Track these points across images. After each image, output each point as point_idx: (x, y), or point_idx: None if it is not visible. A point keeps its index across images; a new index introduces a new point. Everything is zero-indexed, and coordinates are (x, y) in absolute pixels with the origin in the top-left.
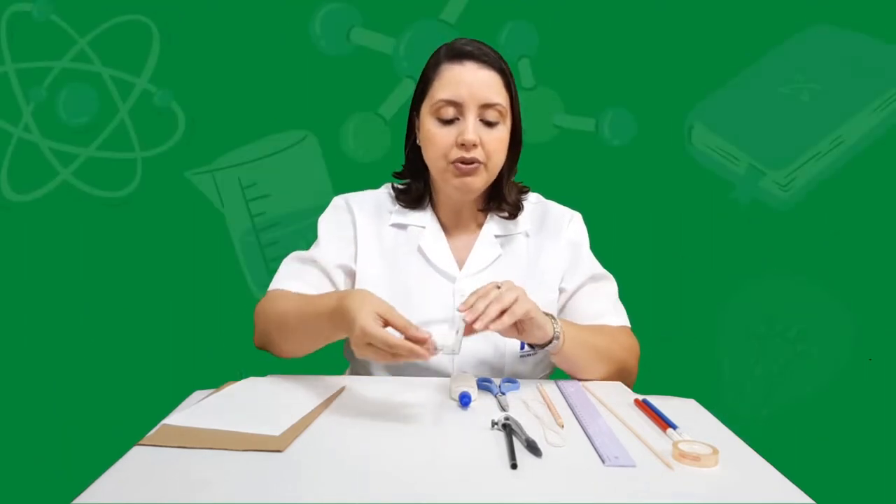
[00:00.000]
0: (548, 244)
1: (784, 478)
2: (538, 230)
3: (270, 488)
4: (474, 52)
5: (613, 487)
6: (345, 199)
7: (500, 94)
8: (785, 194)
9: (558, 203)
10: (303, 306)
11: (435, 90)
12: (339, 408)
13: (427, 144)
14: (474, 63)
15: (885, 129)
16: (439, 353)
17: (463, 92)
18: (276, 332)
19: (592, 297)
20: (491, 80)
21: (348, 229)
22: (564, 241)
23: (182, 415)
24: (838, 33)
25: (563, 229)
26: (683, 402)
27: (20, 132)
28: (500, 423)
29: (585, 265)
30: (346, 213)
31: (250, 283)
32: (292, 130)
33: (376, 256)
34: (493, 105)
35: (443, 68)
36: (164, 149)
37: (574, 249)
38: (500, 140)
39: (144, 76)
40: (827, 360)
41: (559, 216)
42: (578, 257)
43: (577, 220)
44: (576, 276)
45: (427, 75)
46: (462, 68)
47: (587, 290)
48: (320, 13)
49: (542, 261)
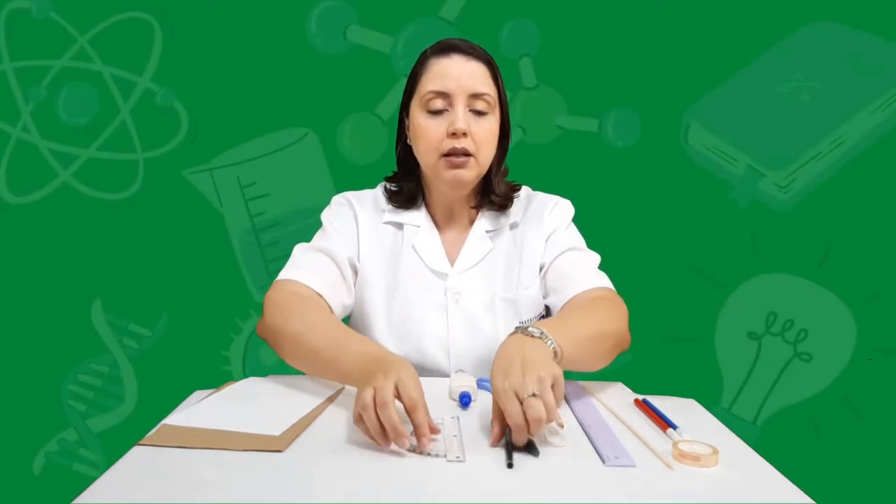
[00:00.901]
0: (531, 230)
1: (784, 478)
2: (523, 219)
3: (270, 488)
4: (460, 45)
5: (613, 487)
6: (344, 196)
7: (488, 84)
8: (784, 196)
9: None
10: (330, 350)
11: (423, 84)
12: (339, 408)
13: (418, 138)
14: (461, 55)
15: (888, 129)
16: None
17: (451, 83)
18: (289, 352)
19: (571, 263)
20: (478, 70)
21: (351, 225)
22: (546, 225)
23: (182, 415)
24: (839, 31)
25: (545, 215)
26: (683, 402)
27: (19, 132)
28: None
29: (563, 238)
30: (348, 209)
31: (250, 284)
32: (292, 128)
33: (375, 254)
34: (481, 95)
35: (430, 62)
36: (166, 149)
37: (554, 224)
38: (489, 131)
39: (146, 75)
40: (827, 361)
41: (543, 203)
42: (557, 229)
43: (561, 205)
44: (555, 245)
45: (415, 72)
46: (449, 60)
47: (566, 256)
48: (316, 11)
49: (526, 247)
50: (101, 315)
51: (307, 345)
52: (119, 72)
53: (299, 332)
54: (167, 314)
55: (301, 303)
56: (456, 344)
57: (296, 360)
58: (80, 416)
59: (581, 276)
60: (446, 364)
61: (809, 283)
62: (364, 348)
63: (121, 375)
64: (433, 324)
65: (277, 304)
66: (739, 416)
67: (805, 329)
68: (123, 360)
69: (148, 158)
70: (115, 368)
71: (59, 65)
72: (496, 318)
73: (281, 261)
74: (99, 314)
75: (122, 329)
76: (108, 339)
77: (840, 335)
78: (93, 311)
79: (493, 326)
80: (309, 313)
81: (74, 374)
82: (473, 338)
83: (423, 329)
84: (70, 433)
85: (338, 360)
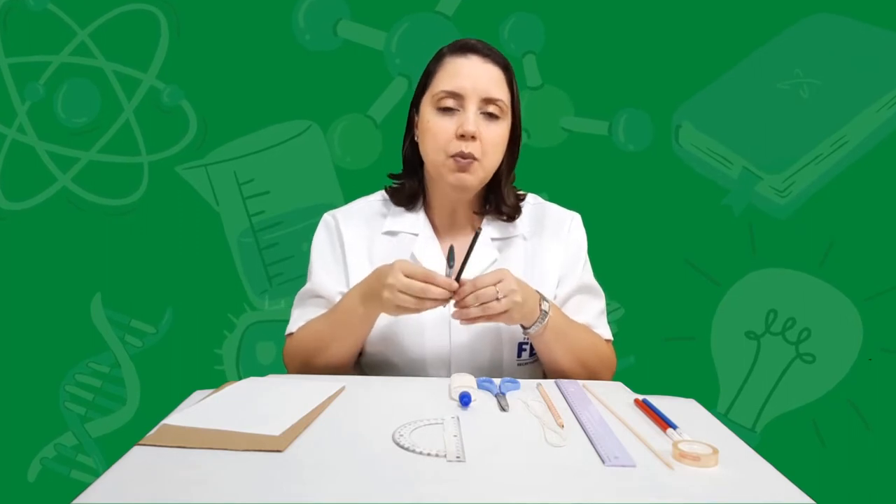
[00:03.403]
0: (547, 246)
1: (784, 478)
2: (537, 232)
3: (270, 488)
4: (479, 46)
5: (613, 487)
6: (332, 215)
7: (503, 90)
8: (783, 201)
9: (559, 206)
10: (330, 312)
11: (437, 82)
12: (339, 408)
13: (426, 136)
14: (478, 57)
15: (893, 129)
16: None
17: (465, 84)
18: (315, 353)
19: (580, 307)
20: (494, 74)
21: (336, 252)
22: (565, 244)
23: (182, 415)
24: (841, 23)
25: (563, 232)
26: (683, 402)
27: (14, 134)
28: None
29: (579, 273)
30: (333, 232)
31: (248, 289)
32: (293, 121)
33: (367, 268)
34: (494, 100)
35: (446, 60)
36: (173, 152)
37: (573, 254)
38: (499, 136)
39: (151, 72)
40: (831, 363)
41: (559, 218)
42: (575, 263)
43: (577, 223)
44: (568, 282)
45: (430, 69)
46: (466, 60)
47: (575, 300)
48: (304, 4)
49: (540, 263)
50: (101, 312)
51: (318, 341)
52: (122, 68)
53: (316, 330)
54: (167, 314)
55: (307, 325)
56: (458, 359)
57: (329, 349)
58: (79, 419)
59: (585, 322)
60: (448, 366)
61: (812, 278)
62: (352, 290)
63: (121, 375)
64: (434, 338)
65: (292, 348)
66: (737, 422)
67: (808, 328)
68: (125, 360)
69: (153, 161)
70: (115, 368)
71: (58, 61)
72: (501, 331)
73: (281, 264)
74: (99, 311)
75: (124, 326)
76: (109, 336)
77: (845, 335)
78: (92, 308)
79: (496, 338)
80: (312, 322)
81: (72, 375)
82: (477, 352)
83: (423, 344)
84: (68, 438)
85: (341, 314)
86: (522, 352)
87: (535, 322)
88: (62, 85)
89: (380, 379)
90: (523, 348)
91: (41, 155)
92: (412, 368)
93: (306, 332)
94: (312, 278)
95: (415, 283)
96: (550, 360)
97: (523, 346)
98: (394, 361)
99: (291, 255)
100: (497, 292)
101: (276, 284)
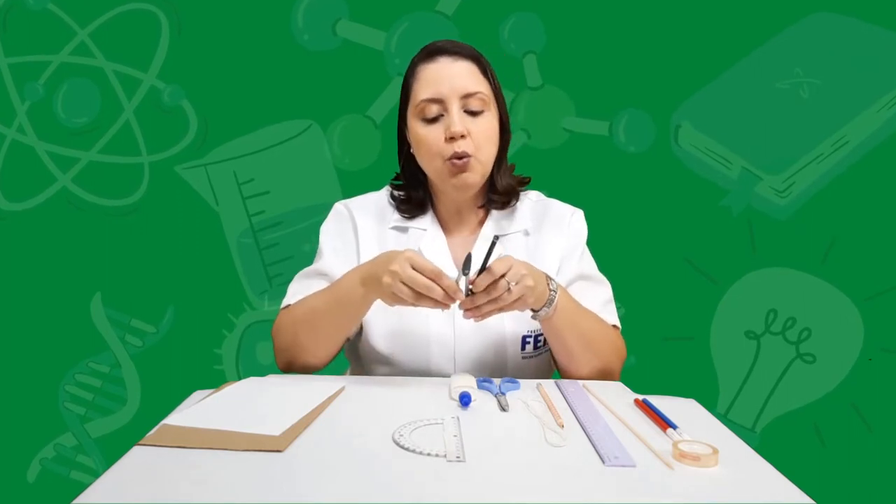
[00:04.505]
0: (548, 240)
1: (784, 478)
2: (538, 228)
3: (270, 488)
4: (446, 46)
5: (613, 487)
6: (345, 204)
7: (480, 82)
8: (783, 201)
9: (562, 202)
10: (328, 288)
11: (416, 92)
12: (339, 408)
13: (420, 148)
14: (447, 57)
15: (893, 130)
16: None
17: (442, 87)
18: (306, 331)
19: (581, 294)
20: (467, 69)
21: (350, 237)
22: (566, 236)
23: (182, 415)
24: (842, 22)
25: (564, 225)
26: (683, 402)
27: (14, 134)
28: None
29: (577, 262)
30: (347, 220)
31: (248, 289)
32: (293, 121)
33: None
34: (474, 94)
35: (419, 69)
36: (173, 152)
37: (572, 245)
38: (488, 128)
39: (152, 72)
40: (832, 363)
41: (561, 213)
42: (573, 252)
43: (578, 216)
44: (566, 270)
45: (406, 81)
46: (437, 65)
47: (576, 288)
48: (303, 4)
49: (541, 258)
50: (102, 312)
51: (311, 315)
52: (122, 68)
53: (311, 306)
54: (167, 315)
55: (304, 300)
56: (462, 351)
57: (320, 332)
58: (79, 419)
59: (592, 308)
60: (449, 366)
61: (812, 278)
62: (353, 270)
63: (121, 375)
64: (439, 330)
65: (282, 322)
66: (737, 423)
67: (808, 328)
68: (125, 359)
69: (154, 162)
70: (115, 368)
71: (58, 60)
72: (504, 325)
73: (281, 264)
74: (99, 311)
75: (124, 326)
76: (109, 336)
77: (845, 335)
78: (92, 308)
79: (500, 333)
80: (308, 297)
81: (72, 375)
82: (480, 345)
83: (428, 336)
84: (67, 438)
85: (339, 291)
86: (526, 345)
87: (545, 304)
88: (62, 85)
89: (380, 379)
90: (527, 341)
91: (41, 155)
92: (416, 361)
93: (301, 306)
94: (321, 259)
95: (420, 278)
96: (561, 346)
97: (527, 340)
98: (397, 353)
99: (291, 255)
100: (508, 283)
101: (275, 285)
